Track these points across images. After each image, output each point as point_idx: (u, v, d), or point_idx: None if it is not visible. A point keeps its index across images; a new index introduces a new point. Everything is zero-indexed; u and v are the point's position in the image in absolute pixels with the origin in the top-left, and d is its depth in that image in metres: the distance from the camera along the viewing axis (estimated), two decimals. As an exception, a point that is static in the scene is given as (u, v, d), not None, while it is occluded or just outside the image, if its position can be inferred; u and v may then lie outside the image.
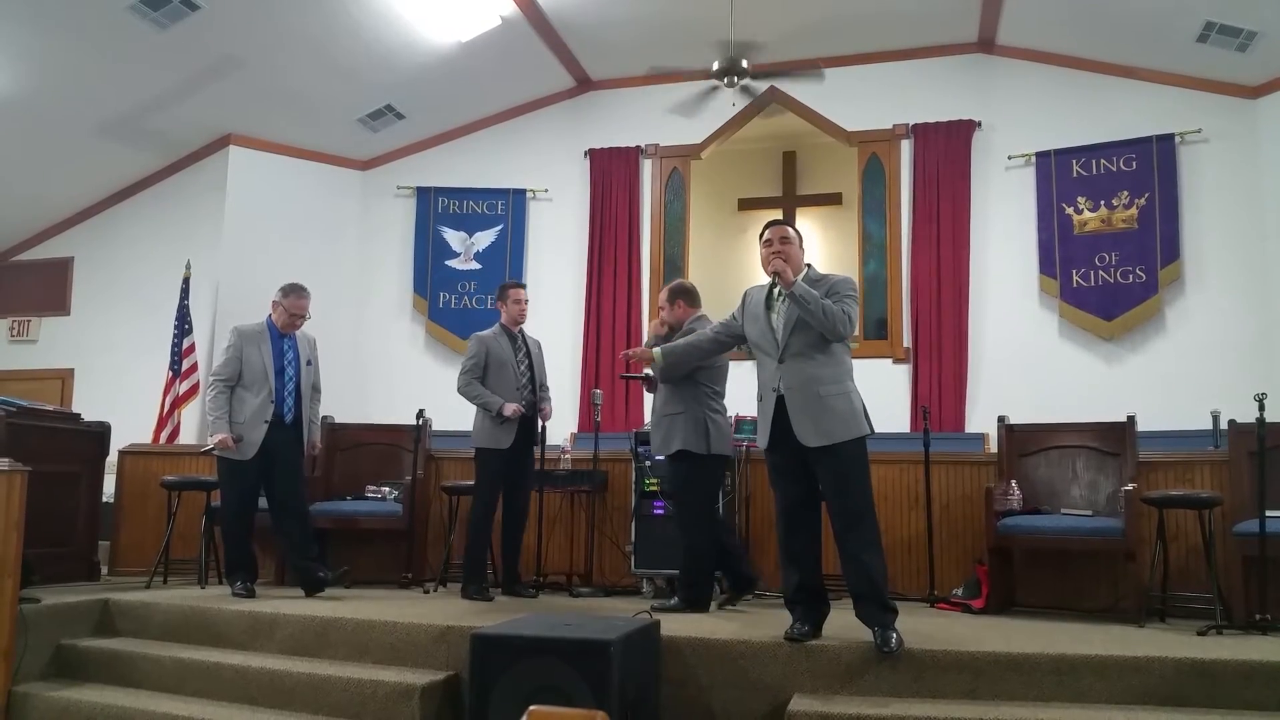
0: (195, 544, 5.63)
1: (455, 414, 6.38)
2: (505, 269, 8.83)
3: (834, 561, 5.21)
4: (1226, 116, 7.51)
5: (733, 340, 4.03)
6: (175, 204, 8.76)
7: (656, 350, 4.13)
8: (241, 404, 5.05)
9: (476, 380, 5.15)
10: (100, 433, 5.72)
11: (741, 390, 7.27)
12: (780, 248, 3.84)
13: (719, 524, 4.82)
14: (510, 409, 5.05)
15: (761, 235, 3.99)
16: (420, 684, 3.58)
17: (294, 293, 5.25)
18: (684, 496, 4.64)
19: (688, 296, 4.87)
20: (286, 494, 5.12)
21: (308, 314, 5.30)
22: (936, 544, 5.14)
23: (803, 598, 3.71)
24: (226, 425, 4.98)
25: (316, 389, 5.38)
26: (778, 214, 8.92)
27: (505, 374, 5.13)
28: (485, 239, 8.94)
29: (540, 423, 5.34)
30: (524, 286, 5.48)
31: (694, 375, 4.61)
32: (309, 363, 5.29)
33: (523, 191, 8.95)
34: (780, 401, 3.69)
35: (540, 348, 5.45)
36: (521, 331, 5.37)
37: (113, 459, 5.95)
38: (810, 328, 3.69)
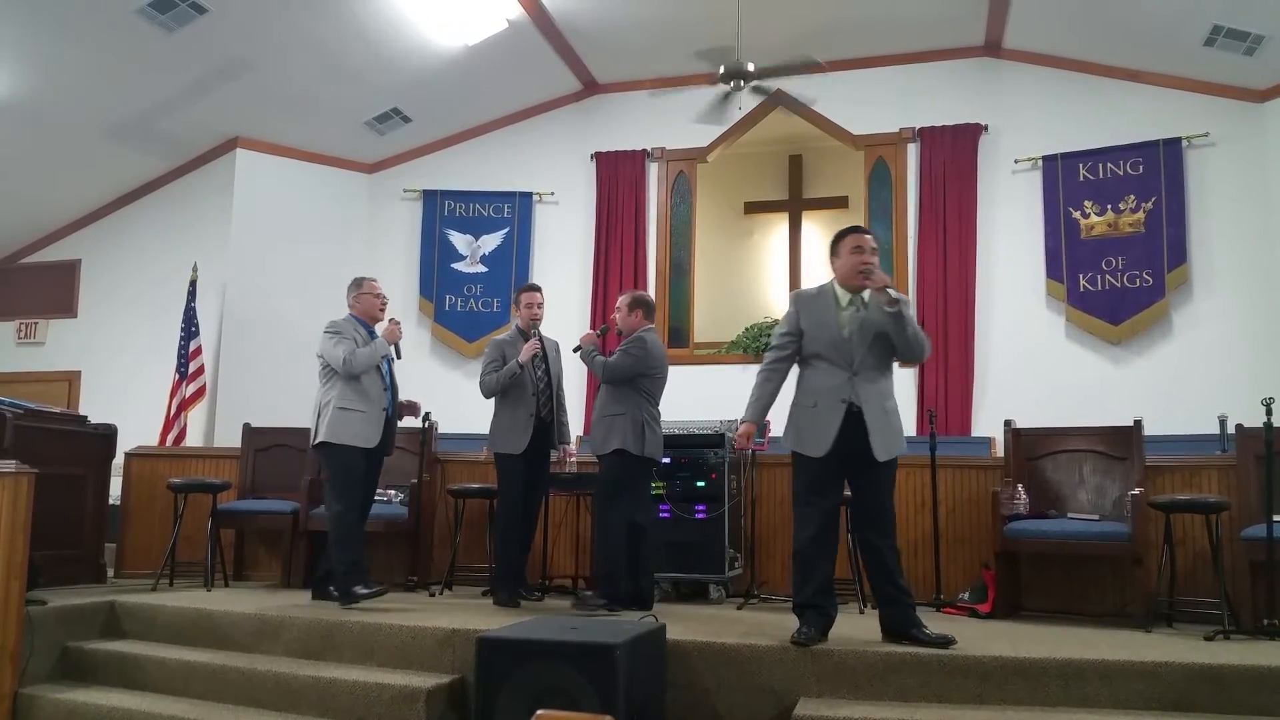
0: (201, 546, 5.63)
1: (461, 417, 6.40)
2: (511, 272, 8.84)
3: (838, 565, 5.21)
4: (1234, 120, 7.49)
5: (793, 356, 3.95)
6: (182, 207, 8.79)
7: (749, 423, 3.93)
8: (363, 392, 4.88)
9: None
10: (107, 435, 5.73)
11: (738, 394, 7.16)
12: (871, 258, 3.83)
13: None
14: (525, 354, 5.04)
15: (842, 240, 3.92)
16: (426, 687, 3.58)
17: (365, 280, 5.21)
18: (614, 494, 4.71)
19: (646, 309, 5.01)
20: (372, 492, 5.07)
21: (384, 294, 5.28)
22: (943, 548, 5.12)
23: (819, 602, 3.73)
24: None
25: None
26: (784, 217, 8.93)
27: (521, 377, 5.11)
28: (491, 242, 8.95)
29: (557, 433, 5.28)
30: (538, 289, 5.43)
31: (636, 382, 4.75)
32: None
33: (529, 194, 8.97)
34: (852, 414, 3.72)
35: (558, 349, 5.40)
36: (538, 334, 5.33)
37: (119, 461, 5.96)
38: (884, 343, 3.77)
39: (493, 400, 5.19)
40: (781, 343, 3.96)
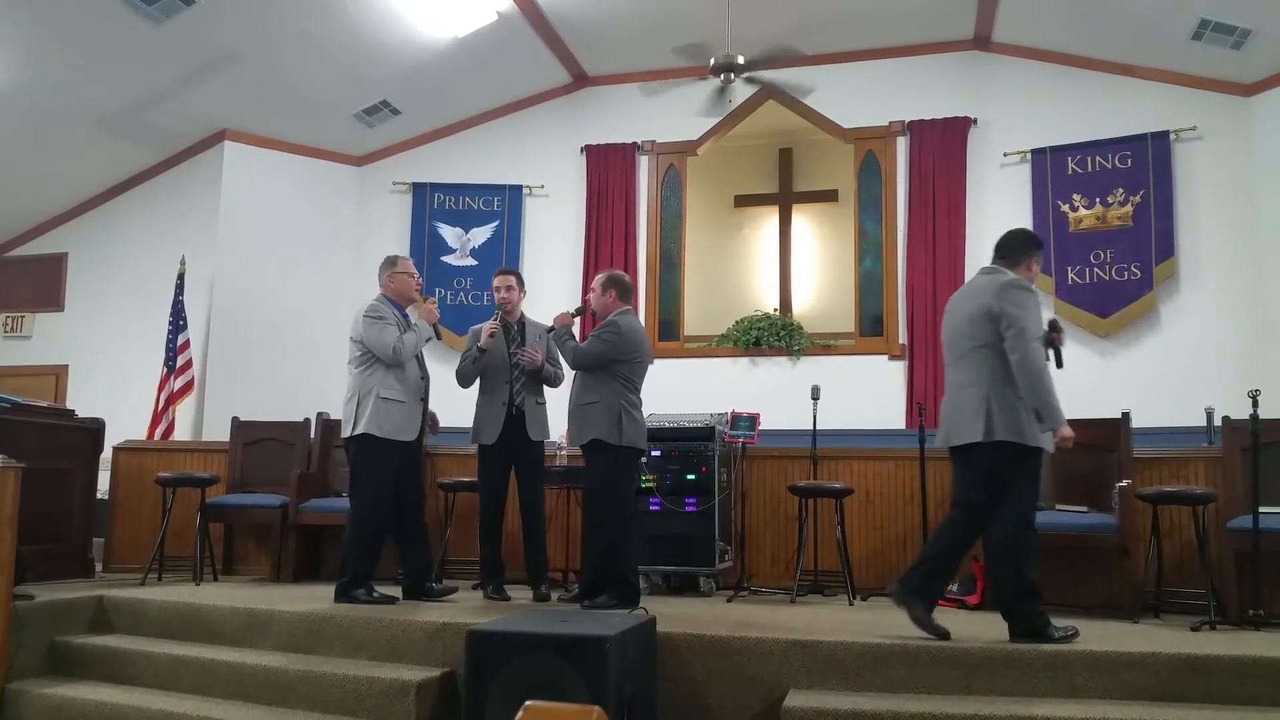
0: (190, 541, 5.61)
1: (452, 410, 6.38)
2: (501, 265, 8.80)
3: (826, 557, 5.23)
4: (1221, 114, 7.53)
5: None
6: (170, 199, 8.75)
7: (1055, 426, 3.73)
8: (401, 380, 4.66)
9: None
10: (94, 429, 5.70)
11: (741, 388, 7.25)
12: None
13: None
14: (483, 336, 4.95)
15: (1041, 250, 4.14)
16: (416, 680, 3.58)
17: (400, 258, 4.96)
18: (603, 491, 4.55)
19: (621, 288, 4.79)
20: (419, 488, 4.95)
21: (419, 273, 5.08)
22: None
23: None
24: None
25: None
26: (774, 210, 8.94)
27: (494, 364, 5.01)
28: (482, 235, 8.93)
29: (533, 407, 5.10)
30: (508, 273, 5.23)
31: (612, 368, 4.55)
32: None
33: (519, 187, 8.95)
34: None
35: (542, 335, 5.18)
36: (522, 320, 5.19)
37: (107, 455, 5.93)
38: None
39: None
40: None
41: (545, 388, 5.17)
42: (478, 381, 5.10)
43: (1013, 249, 3.97)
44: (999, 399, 3.70)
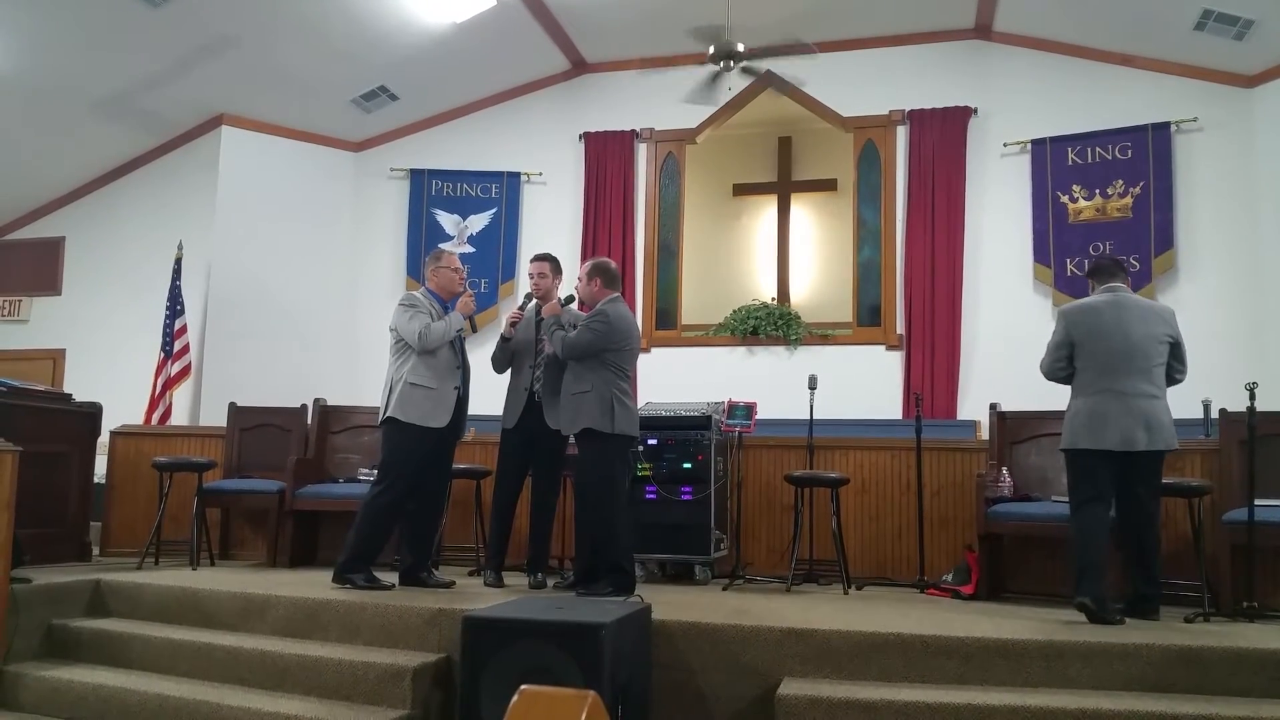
0: (187, 525, 5.61)
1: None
2: (499, 253, 8.82)
3: (821, 546, 5.24)
4: (1222, 105, 7.51)
5: None
6: (167, 184, 8.73)
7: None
8: (431, 367, 4.67)
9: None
10: (91, 413, 5.70)
11: (738, 378, 7.22)
12: None
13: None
14: (505, 323, 4.98)
15: None
16: (412, 666, 3.59)
17: (445, 253, 5.02)
18: (589, 476, 4.54)
19: (607, 276, 4.76)
20: (445, 477, 4.96)
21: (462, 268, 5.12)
22: (927, 530, 5.16)
23: None
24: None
25: None
26: (772, 200, 8.92)
27: (523, 347, 5.00)
28: (479, 222, 8.91)
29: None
30: (539, 259, 5.13)
31: (602, 357, 4.53)
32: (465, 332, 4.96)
33: (517, 174, 8.92)
34: None
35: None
36: (530, 302, 5.09)
37: (104, 440, 5.93)
38: None
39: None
40: None
41: None
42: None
43: (1116, 272, 4.42)
44: (1168, 412, 4.32)
